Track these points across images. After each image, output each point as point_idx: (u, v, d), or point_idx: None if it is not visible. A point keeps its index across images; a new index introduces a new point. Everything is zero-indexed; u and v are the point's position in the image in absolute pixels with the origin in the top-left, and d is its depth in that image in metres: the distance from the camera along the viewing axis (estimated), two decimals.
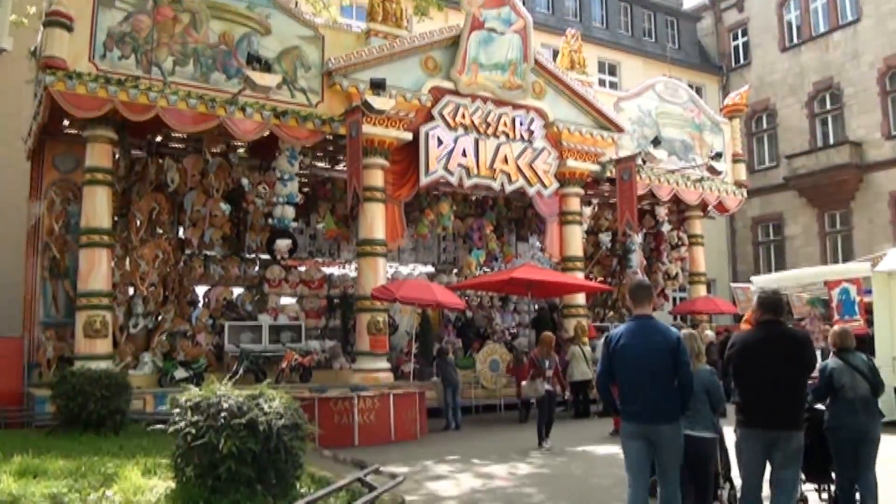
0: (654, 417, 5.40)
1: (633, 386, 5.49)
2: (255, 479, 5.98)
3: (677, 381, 5.46)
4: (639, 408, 5.45)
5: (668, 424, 5.43)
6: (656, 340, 5.50)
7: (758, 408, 5.58)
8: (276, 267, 17.07)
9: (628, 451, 5.56)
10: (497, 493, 8.38)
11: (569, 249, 18.26)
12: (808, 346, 5.73)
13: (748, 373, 5.67)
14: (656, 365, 5.43)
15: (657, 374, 5.42)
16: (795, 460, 5.59)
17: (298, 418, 6.38)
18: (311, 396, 12.41)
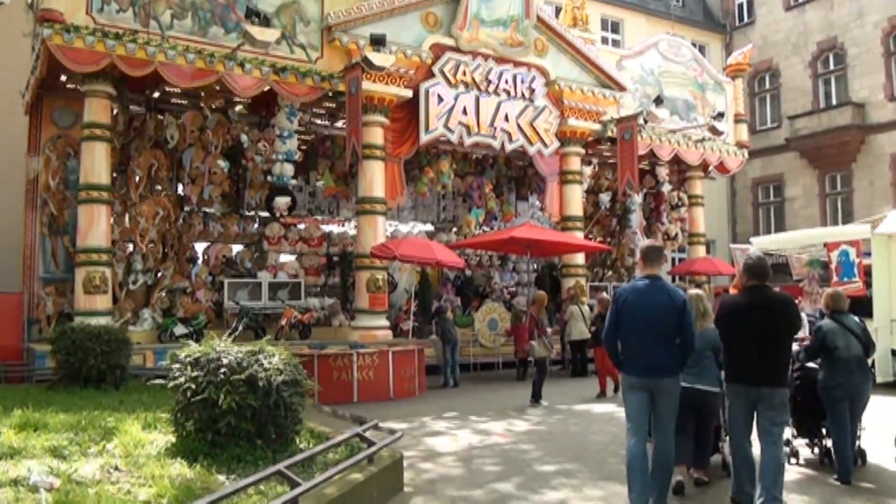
0: (656, 372, 5.64)
1: (638, 341, 5.70)
2: (254, 434, 6.03)
3: (680, 340, 5.67)
4: (642, 362, 5.68)
5: (669, 378, 5.68)
6: (662, 300, 5.70)
7: (743, 366, 5.88)
8: (276, 224, 17.02)
9: (629, 402, 5.77)
10: (494, 449, 8.45)
11: (568, 209, 18.20)
12: (790, 309, 5.95)
13: (734, 334, 5.96)
14: (661, 323, 5.65)
15: (661, 331, 5.65)
16: (780, 415, 5.81)
17: (298, 374, 6.41)
18: (311, 353, 12.47)
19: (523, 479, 6.97)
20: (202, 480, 5.30)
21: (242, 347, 6.40)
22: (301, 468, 5.72)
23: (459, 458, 7.94)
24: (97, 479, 5.17)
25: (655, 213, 21.84)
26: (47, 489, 4.80)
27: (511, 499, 6.29)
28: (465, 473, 7.27)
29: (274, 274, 16.65)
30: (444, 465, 7.63)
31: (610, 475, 6.99)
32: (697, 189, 21.86)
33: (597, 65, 18.08)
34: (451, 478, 7.09)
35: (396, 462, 6.66)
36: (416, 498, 6.37)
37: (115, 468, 5.48)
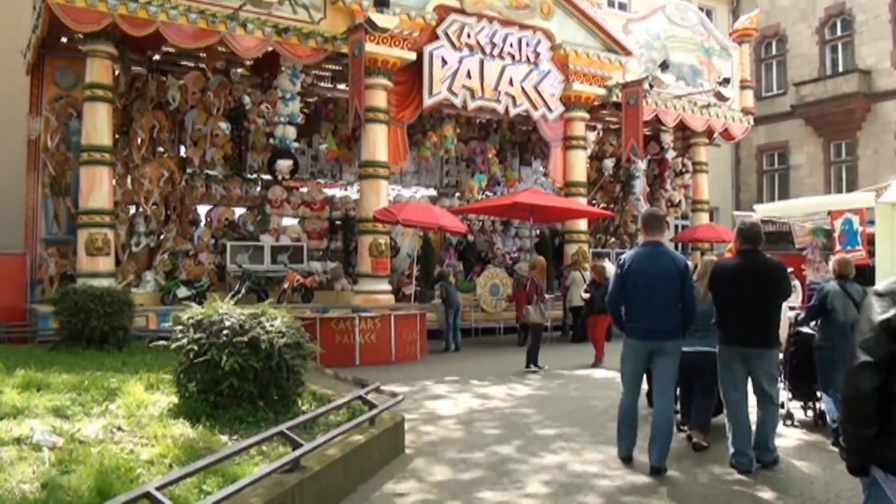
0: (659, 335, 5.86)
1: (641, 305, 5.90)
2: (257, 396, 6.06)
3: (682, 304, 5.88)
4: (644, 325, 5.89)
5: (671, 341, 5.90)
6: (665, 265, 5.89)
7: (735, 328, 6.02)
8: (278, 187, 16.97)
9: (627, 363, 6.07)
10: (495, 413, 8.49)
11: (572, 174, 18.11)
12: (780, 274, 6.06)
13: (726, 296, 6.08)
14: (664, 287, 5.83)
15: (664, 295, 5.84)
16: (770, 375, 6.03)
17: (300, 337, 6.42)
18: (313, 316, 12.51)
19: (523, 443, 7.01)
20: (205, 440, 5.34)
21: (245, 310, 6.40)
22: (303, 429, 5.76)
23: (460, 422, 7.99)
24: (100, 438, 5.20)
25: (659, 179, 21.74)
26: (50, 448, 4.83)
27: (511, 461, 6.34)
28: (465, 436, 7.31)
29: (276, 237, 16.64)
30: (445, 428, 7.68)
31: (609, 439, 7.02)
32: (702, 156, 21.73)
33: (603, 28, 17.86)
34: (451, 440, 7.14)
35: (398, 424, 6.71)
36: (417, 460, 6.42)
37: (118, 428, 5.51)
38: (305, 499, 4.77)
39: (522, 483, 5.72)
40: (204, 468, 4.31)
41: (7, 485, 4.12)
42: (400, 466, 6.20)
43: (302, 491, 4.74)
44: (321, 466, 5.07)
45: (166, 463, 4.79)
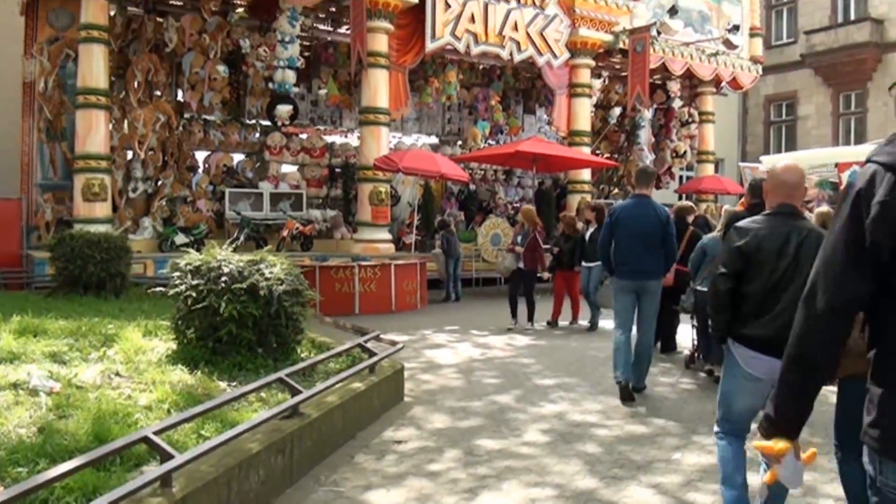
0: (642, 275, 6.76)
1: (627, 250, 6.76)
2: (255, 343, 6.07)
3: (664, 250, 6.80)
4: (630, 267, 6.78)
5: (653, 280, 6.81)
6: (649, 216, 6.75)
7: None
8: (277, 133, 16.84)
9: (618, 302, 6.92)
10: (494, 362, 8.54)
11: (576, 123, 17.95)
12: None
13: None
14: (647, 235, 6.71)
15: (647, 241, 6.71)
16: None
17: (299, 284, 6.41)
18: (312, 265, 12.52)
19: (522, 392, 7.06)
20: (203, 386, 5.36)
21: (243, 257, 6.38)
22: (302, 377, 5.79)
23: (459, 371, 8.04)
24: (97, 384, 5.22)
25: (665, 129, 21.56)
26: (47, 393, 4.85)
27: (510, 410, 6.38)
28: (464, 385, 7.36)
29: (275, 184, 16.57)
30: (444, 377, 7.73)
31: (608, 389, 7.07)
32: (708, 106, 21.51)
33: None
34: (450, 389, 7.18)
35: (397, 373, 6.74)
36: (416, 407, 6.47)
37: (116, 374, 5.53)
38: (304, 445, 4.80)
39: (521, 431, 5.77)
40: (202, 414, 4.33)
41: (3, 429, 4.14)
42: (399, 414, 6.25)
43: (301, 437, 4.78)
44: (320, 413, 5.10)
45: (164, 408, 4.81)
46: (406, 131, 20.09)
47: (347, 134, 19.42)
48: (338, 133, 19.45)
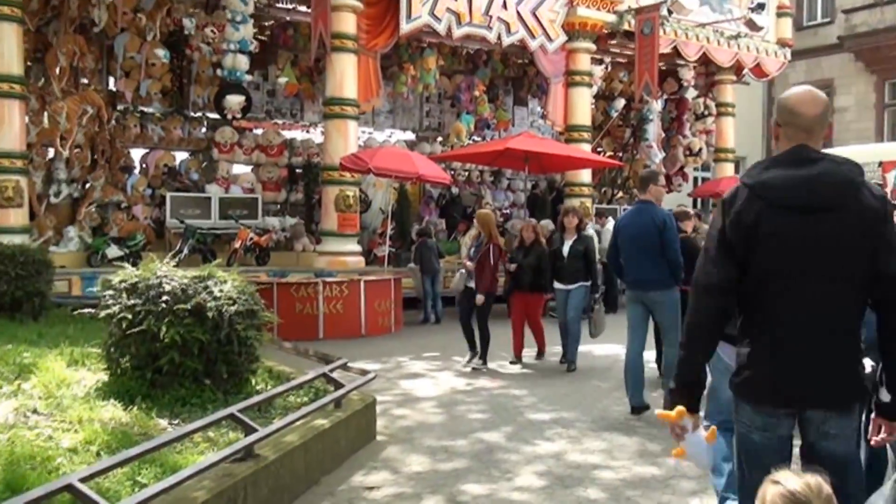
0: (644, 284, 7.45)
1: (630, 259, 7.55)
2: (202, 373, 6.04)
3: (666, 257, 7.36)
4: (633, 277, 7.55)
5: (657, 291, 7.42)
6: (646, 221, 7.41)
7: None
8: (227, 128, 16.82)
9: (628, 312, 7.59)
10: (481, 394, 8.55)
11: (575, 117, 18.06)
12: None
13: None
14: (644, 241, 7.38)
15: (645, 249, 7.37)
16: None
17: (254, 304, 6.40)
18: (269, 281, 12.54)
19: (514, 428, 7.07)
20: (140, 425, 5.33)
21: (188, 273, 6.36)
22: (258, 412, 5.78)
23: (440, 404, 8.04)
24: (10, 423, 5.15)
25: (677, 123, 21.73)
26: None
27: (499, 450, 6.39)
28: (446, 421, 7.37)
29: (225, 188, 16.55)
30: (423, 412, 7.73)
31: (612, 424, 7.11)
32: (728, 96, 21.71)
33: None
34: (430, 426, 7.19)
35: (368, 407, 6.74)
36: (390, 447, 6.46)
37: (34, 411, 5.46)
38: (259, 492, 4.79)
39: (512, 474, 5.78)
40: (138, 457, 4.31)
41: None
42: (371, 455, 6.25)
43: (256, 482, 4.76)
44: (278, 455, 5.09)
45: (93, 451, 4.77)
46: (378, 126, 20.14)
47: (309, 129, 19.42)
48: (298, 128, 19.45)
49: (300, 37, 17.46)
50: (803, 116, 3.06)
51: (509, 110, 21.50)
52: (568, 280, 9.96)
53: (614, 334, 12.03)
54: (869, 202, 2.96)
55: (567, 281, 9.97)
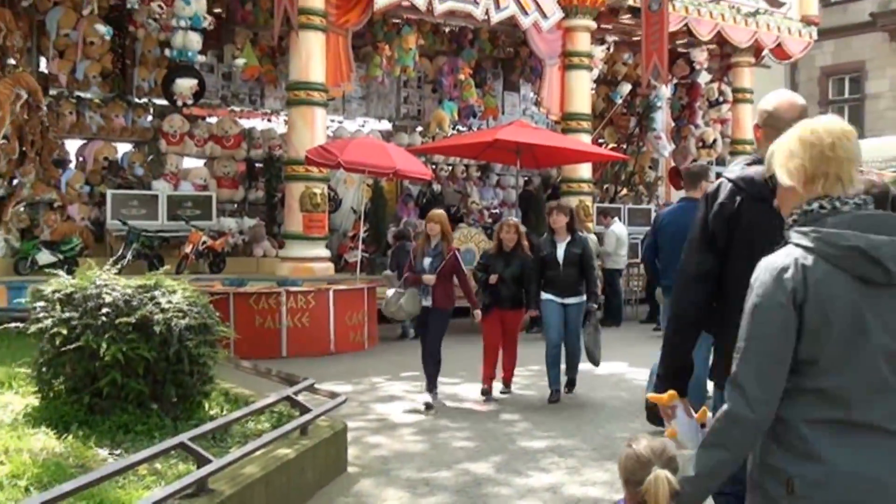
0: None
1: (669, 262, 7.48)
2: (148, 396, 6.04)
3: None
4: (670, 282, 7.20)
5: None
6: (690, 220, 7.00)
7: None
8: (177, 116, 16.77)
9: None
10: (469, 418, 8.56)
11: (573, 104, 18.09)
12: None
13: None
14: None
15: None
16: None
17: (207, 318, 6.40)
18: (225, 291, 12.52)
19: (504, 458, 7.08)
20: (76, 456, 5.31)
21: (132, 281, 6.35)
22: (212, 441, 5.77)
23: (421, 431, 8.05)
24: None
25: (688, 111, 21.83)
26: None
27: (488, 482, 6.40)
28: (427, 449, 7.37)
29: (175, 184, 16.49)
30: (401, 439, 7.74)
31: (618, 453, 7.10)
32: (746, 81, 21.82)
33: None
34: (409, 455, 7.19)
35: (338, 434, 6.73)
36: (364, 480, 6.46)
37: None
38: None
39: None
40: (74, 492, 4.28)
41: None
42: (341, 489, 6.25)
43: None
44: (236, 489, 5.08)
45: (21, 486, 4.75)
46: (349, 114, 20.11)
47: (271, 117, 19.39)
48: (258, 116, 19.42)
49: (261, 12, 17.44)
50: (781, 119, 3.51)
51: (498, 96, 21.51)
52: (563, 292, 9.41)
53: (617, 351, 12.11)
54: None
55: (562, 293, 9.42)
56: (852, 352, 2.53)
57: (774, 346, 2.57)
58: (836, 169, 2.58)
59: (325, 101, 15.56)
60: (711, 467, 2.66)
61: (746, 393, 2.57)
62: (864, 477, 2.50)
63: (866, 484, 2.50)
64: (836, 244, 2.52)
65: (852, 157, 2.62)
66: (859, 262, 2.51)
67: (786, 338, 2.55)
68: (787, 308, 2.54)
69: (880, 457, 2.52)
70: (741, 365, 2.62)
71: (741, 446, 2.64)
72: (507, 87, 21.87)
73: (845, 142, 2.61)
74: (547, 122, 19.56)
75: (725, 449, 2.63)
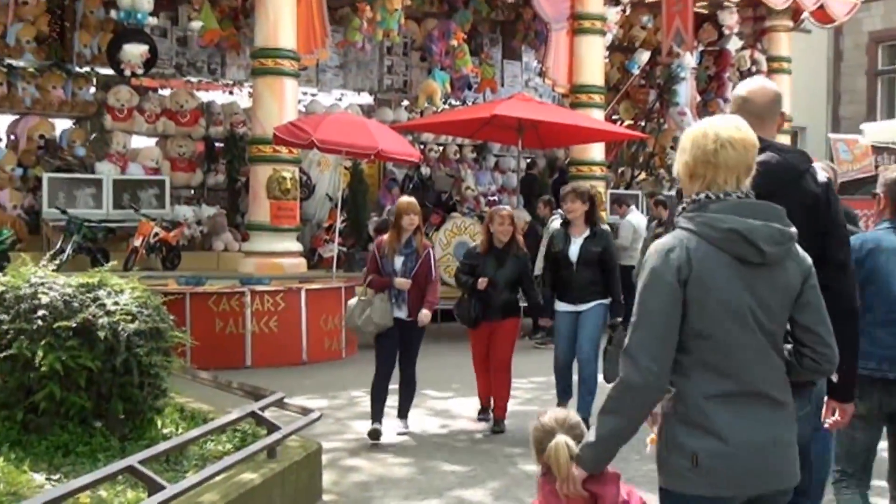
0: None
1: None
2: (91, 413, 6.03)
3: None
4: None
5: None
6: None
7: None
8: (124, 88, 16.74)
9: None
10: (461, 438, 8.58)
11: (583, 74, 18.10)
12: None
13: None
14: None
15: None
16: None
17: (161, 322, 6.40)
18: (181, 290, 12.49)
19: (503, 484, 7.10)
20: (8, 482, 5.30)
21: (73, 280, 6.34)
22: (166, 464, 5.77)
23: (407, 452, 8.07)
24: None
25: (716, 83, 21.87)
26: None
27: None
28: (414, 474, 7.39)
29: (122, 166, 16.46)
30: (384, 463, 7.76)
31: (633, 479, 7.12)
32: (782, 48, 21.84)
33: None
34: (393, 481, 7.20)
35: (311, 456, 6.74)
36: None
37: None
38: None
39: None
40: None
41: None
42: None
43: None
44: None
45: None
46: (324, 86, 20.09)
47: (233, 90, 19.36)
48: (219, 88, 19.38)
49: None
50: (753, 103, 4.22)
51: (497, 65, 21.50)
52: (578, 298, 8.83)
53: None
54: (810, 189, 4.15)
55: (576, 299, 8.84)
56: (731, 326, 3.20)
57: (662, 319, 3.20)
58: (713, 174, 3.26)
59: (297, 70, 15.54)
60: (608, 432, 3.30)
61: (637, 362, 3.19)
62: (757, 444, 3.21)
63: (760, 451, 3.21)
64: (716, 227, 3.20)
65: (733, 167, 3.26)
66: (737, 243, 3.19)
67: (673, 311, 3.19)
68: (672, 284, 3.18)
69: (769, 423, 3.25)
70: (632, 337, 3.25)
71: (634, 412, 3.27)
72: (506, 54, 21.87)
73: (729, 150, 3.25)
74: (553, 96, 19.56)
75: (620, 415, 3.26)
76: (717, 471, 3.19)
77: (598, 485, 3.46)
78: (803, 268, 3.35)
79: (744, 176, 3.30)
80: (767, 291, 3.25)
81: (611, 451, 3.38)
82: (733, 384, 3.22)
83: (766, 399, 3.27)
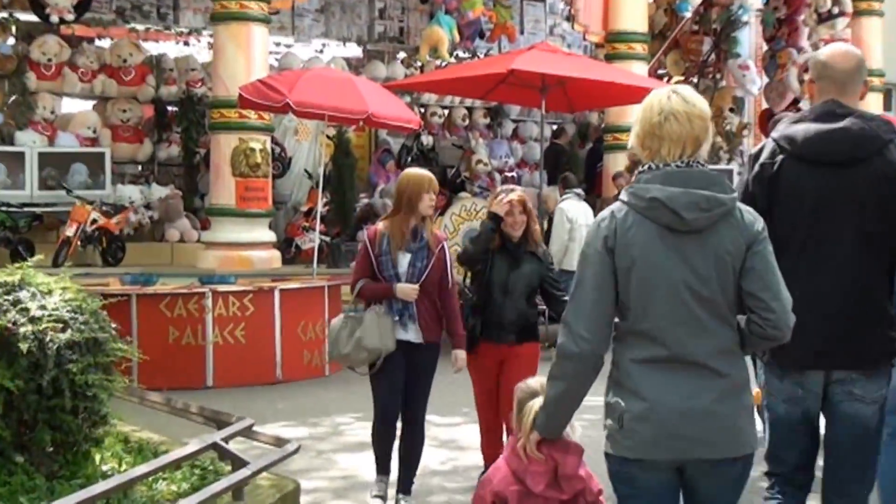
0: None
1: None
2: (10, 444, 6.03)
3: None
4: None
5: None
6: None
7: None
8: (52, 38, 16.78)
9: None
10: (467, 476, 8.57)
11: (620, 19, 18.12)
12: None
13: None
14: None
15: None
16: None
17: (99, 331, 6.38)
18: (126, 291, 12.48)
19: None
20: None
21: None
22: None
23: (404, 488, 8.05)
24: None
25: (788, 28, 21.85)
26: None
27: None
28: None
29: (50, 137, 16.49)
30: None
31: None
32: None
33: None
34: None
35: (287, 498, 6.72)
36: None
37: None
38: None
39: None
40: None
41: None
42: None
43: None
44: None
45: None
46: (301, 34, 20.10)
47: (189, 39, 19.38)
48: (171, 38, 19.40)
49: None
50: (835, 69, 4.84)
51: (515, 8, 21.51)
52: None
53: None
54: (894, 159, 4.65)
55: None
56: (660, 293, 3.92)
57: (594, 287, 3.98)
58: (658, 145, 3.98)
59: (267, 14, 15.55)
60: (553, 397, 4.14)
61: (572, 330, 3.96)
62: (681, 410, 3.91)
63: (684, 416, 3.92)
64: (641, 196, 3.93)
65: (677, 139, 3.94)
66: (661, 211, 3.88)
67: (604, 281, 3.96)
68: (601, 253, 3.96)
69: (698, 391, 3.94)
70: (569, 306, 4.04)
71: (574, 378, 4.06)
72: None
73: (673, 123, 3.93)
74: (584, 46, 19.55)
75: (561, 380, 4.08)
76: (637, 432, 4.03)
77: (560, 453, 4.38)
78: (746, 234, 3.97)
79: (690, 147, 3.98)
80: (700, 259, 3.92)
81: (559, 416, 4.23)
82: (663, 350, 3.96)
83: (701, 368, 3.95)
